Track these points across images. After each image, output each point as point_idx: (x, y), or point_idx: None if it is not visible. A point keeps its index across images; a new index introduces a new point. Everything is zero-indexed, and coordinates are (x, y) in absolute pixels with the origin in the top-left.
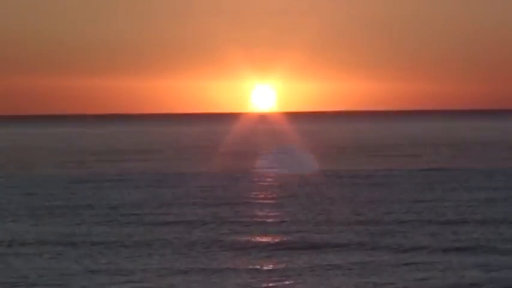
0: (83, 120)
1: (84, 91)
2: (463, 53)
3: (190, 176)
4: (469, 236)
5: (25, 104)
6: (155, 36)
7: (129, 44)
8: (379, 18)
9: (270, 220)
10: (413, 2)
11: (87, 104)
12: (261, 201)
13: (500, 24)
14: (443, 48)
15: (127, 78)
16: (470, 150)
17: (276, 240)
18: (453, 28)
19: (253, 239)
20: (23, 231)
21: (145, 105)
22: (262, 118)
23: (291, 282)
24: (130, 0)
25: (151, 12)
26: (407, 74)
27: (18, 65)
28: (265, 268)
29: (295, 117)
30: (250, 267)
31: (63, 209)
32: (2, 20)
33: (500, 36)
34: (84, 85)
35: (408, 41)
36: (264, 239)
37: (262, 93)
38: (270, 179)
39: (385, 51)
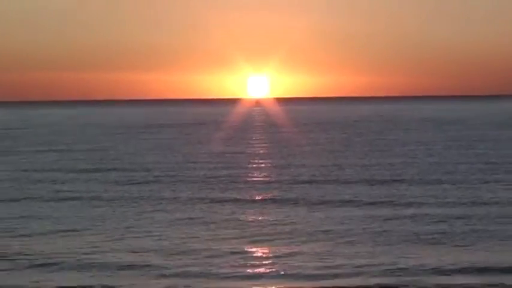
0: (120, 104)
1: (122, 83)
2: (409, 57)
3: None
4: (396, 193)
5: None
6: (170, 41)
7: (149, 47)
8: (352, 28)
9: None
10: (376, 21)
11: (124, 92)
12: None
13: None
14: (395, 53)
15: (150, 73)
16: (404, 125)
17: (258, 197)
18: (403, 41)
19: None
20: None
21: (163, 93)
22: (257, 103)
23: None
24: (148, 14)
25: (167, 21)
26: (370, 70)
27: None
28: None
29: (285, 102)
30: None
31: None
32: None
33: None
34: (119, 78)
35: (370, 45)
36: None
37: (257, 82)
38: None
39: (355, 53)
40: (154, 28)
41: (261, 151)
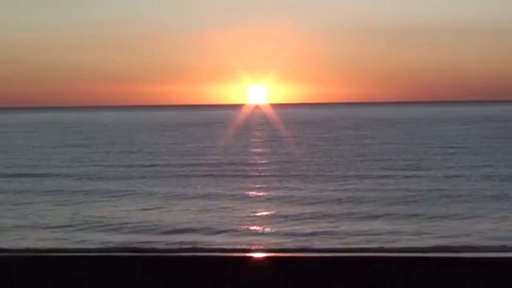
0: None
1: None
2: (375, 72)
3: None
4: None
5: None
6: (188, 59)
7: (171, 65)
8: (334, 50)
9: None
10: (351, 45)
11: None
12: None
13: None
14: (366, 70)
15: (171, 85)
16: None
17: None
18: (373, 62)
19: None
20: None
21: (181, 100)
22: (257, 108)
23: None
24: (170, 40)
25: (184, 44)
26: (347, 82)
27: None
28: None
29: (279, 107)
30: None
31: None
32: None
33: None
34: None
35: (347, 64)
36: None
37: (257, 91)
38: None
39: (335, 69)
40: (174, 51)
41: (257, 147)
